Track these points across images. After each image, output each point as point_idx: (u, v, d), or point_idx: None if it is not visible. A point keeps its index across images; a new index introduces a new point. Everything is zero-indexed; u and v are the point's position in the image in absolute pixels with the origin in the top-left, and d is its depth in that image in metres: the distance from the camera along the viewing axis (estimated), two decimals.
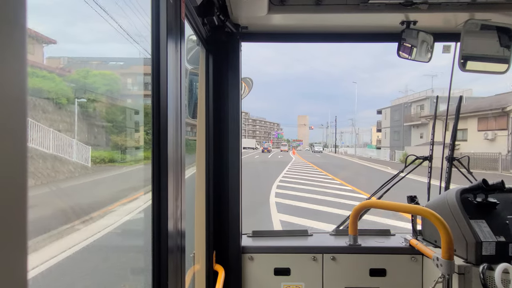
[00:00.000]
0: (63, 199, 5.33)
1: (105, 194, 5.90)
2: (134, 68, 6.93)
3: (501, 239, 1.64)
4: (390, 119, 49.73)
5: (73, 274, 3.56)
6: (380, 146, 53.10)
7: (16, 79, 0.35)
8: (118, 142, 6.93)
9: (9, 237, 0.34)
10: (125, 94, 7.33)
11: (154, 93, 1.00)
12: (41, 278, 3.27)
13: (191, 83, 1.93)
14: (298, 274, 2.05)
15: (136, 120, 6.78)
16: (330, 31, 2.10)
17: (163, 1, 1.00)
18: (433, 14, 1.80)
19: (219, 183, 2.03)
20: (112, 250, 4.49)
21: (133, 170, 6.57)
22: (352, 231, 2.06)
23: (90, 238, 4.45)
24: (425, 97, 40.84)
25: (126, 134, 7.15)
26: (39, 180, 5.32)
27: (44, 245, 3.80)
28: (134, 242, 4.54)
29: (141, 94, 6.67)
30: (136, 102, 7.18)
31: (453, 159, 2.32)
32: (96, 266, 3.92)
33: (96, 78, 6.48)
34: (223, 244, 2.04)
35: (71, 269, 3.64)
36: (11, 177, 0.34)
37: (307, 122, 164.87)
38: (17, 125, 0.35)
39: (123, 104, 7.15)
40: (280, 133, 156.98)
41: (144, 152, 6.90)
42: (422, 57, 2.01)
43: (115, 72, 6.93)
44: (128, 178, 6.51)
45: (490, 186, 1.82)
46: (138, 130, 6.92)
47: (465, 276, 1.64)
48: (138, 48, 5.60)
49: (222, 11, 1.73)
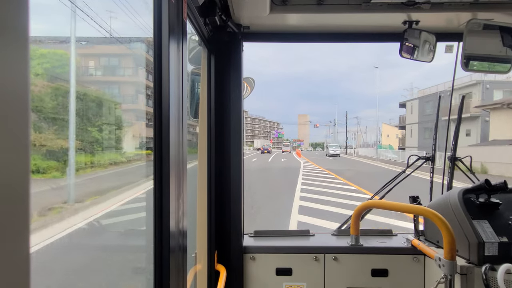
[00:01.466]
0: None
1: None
2: (99, 48, 6.63)
3: (503, 240, 1.63)
4: (418, 113, 39.26)
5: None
6: (404, 147, 43.54)
7: (18, 79, 0.35)
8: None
9: (12, 234, 0.34)
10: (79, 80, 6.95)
11: (156, 93, 1.00)
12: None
13: (193, 83, 1.93)
14: (300, 274, 2.05)
15: (97, 111, 6.34)
16: (332, 31, 2.10)
17: (165, 1, 1.00)
18: (435, 14, 1.79)
19: (221, 182, 2.04)
20: (113, 250, 4.49)
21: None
22: (354, 231, 2.06)
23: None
24: (475, 82, 30.98)
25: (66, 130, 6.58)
26: None
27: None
28: (135, 242, 4.54)
29: (105, 80, 6.46)
30: (97, 90, 6.79)
31: (456, 159, 2.32)
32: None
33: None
34: (224, 244, 2.04)
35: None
36: (13, 175, 0.34)
37: (308, 121, 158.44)
38: (19, 124, 0.35)
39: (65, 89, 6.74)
40: (281, 132, 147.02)
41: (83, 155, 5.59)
42: (424, 57, 2.01)
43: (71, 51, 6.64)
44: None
45: (492, 186, 1.81)
46: (97, 126, 6.36)
47: (468, 276, 1.63)
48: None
49: (224, 11, 1.74)
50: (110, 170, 1.92)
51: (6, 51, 0.33)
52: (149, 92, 2.21)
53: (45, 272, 1.31)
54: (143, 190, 1.99)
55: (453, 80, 2.32)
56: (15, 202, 0.34)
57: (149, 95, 2.14)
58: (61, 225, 1.53)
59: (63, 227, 1.54)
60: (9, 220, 0.33)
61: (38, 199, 1.36)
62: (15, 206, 0.34)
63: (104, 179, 1.94)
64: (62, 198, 1.64)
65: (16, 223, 0.34)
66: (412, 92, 47.71)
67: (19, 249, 0.35)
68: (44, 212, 1.51)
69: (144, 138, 2.25)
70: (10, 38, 0.34)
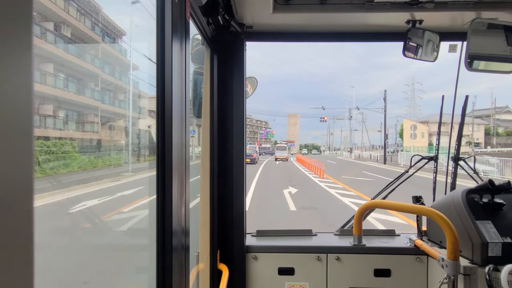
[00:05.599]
0: None
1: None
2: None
3: (507, 240, 1.63)
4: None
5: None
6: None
7: (22, 78, 0.35)
8: None
9: (16, 234, 0.34)
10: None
11: (159, 92, 1.00)
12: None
13: (196, 82, 1.94)
14: (302, 274, 2.05)
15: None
16: (335, 30, 2.09)
17: (168, 1, 1.00)
18: (439, 13, 1.79)
19: (224, 182, 2.04)
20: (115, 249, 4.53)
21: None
22: (356, 231, 2.05)
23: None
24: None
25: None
26: None
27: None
28: (138, 241, 4.56)
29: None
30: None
31: (459, 159, 2.31)
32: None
33: None
34: (227, 243, 2.04)
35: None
36: (17, 174, 0.35)
37: (298, 122, 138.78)
38: (23, 124, 0.35)
39: None
40: (270, 132, 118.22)
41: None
42: (427, 57, 2.00)
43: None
44: None
45: (496, 186, 1.80)
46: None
47: (471, 277, 1.62)
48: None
49: (227, 11, 1.74)
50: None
51: (10, 53, 0.34)
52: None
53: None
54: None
55: (457, 80, 2.31)
56: (20, 202, 0.35)
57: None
58: None
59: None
60: (14, 220, 0.34)
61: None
62: (19, 206, 0.35)
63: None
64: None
65: (21, 223, 0.35)
66: (413, 88, 46.12)
67: (23, 249, 0.35)
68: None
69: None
70: (14, 39, 0.34)
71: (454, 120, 2.40)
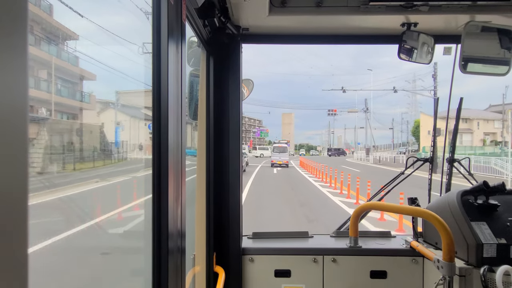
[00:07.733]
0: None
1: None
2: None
3: (502, 241, 1.64)
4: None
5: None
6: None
7: (17, 79, 0.35)
8: None
9: (11, 235, 0.34)
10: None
11: (155, 94, 1.00)
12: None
13: (192, 84, 1.93)
14: (299, 275, 2.05)
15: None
16: (330, 33, 2.10)
17: (164, 3, 1.00)
18: (433, 16, 1.80)
19: (220, 184, 2.04)
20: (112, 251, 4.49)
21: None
22: (352, 233, 2.06)
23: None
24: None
25: None
26: None
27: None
28: (133, 243, 4.53)
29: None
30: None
31: (454, 160, 2.32)
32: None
33: None
34: (223, 246, 2.03)
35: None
36: (12, 176, 0.34)
37: (293, 121, 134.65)
38: (18, 125, 0.35)
39: None
40: (264, 131, 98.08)
41: None
42: (422, 59, 2.01)
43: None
44: None
45: (491, 188, 1.81)
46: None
47: (466, 278, 1.63)
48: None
49: (223, 13, 1.74)
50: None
51: (6, 53, 0.34)
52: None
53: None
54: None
55: (451, 82, 2.32)
56: (14, 202, 0.34)
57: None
58: None
59: None
60: (8, 220, 0.33)
61: None
62: (14, 206, 0.34)
63: None
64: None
65: (15, 223, 0.34)
66: (414, 84, 45.20)
67: (17, 249, 0.35)
68: None
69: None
70: (9, 40, 0.34)
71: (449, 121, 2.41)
